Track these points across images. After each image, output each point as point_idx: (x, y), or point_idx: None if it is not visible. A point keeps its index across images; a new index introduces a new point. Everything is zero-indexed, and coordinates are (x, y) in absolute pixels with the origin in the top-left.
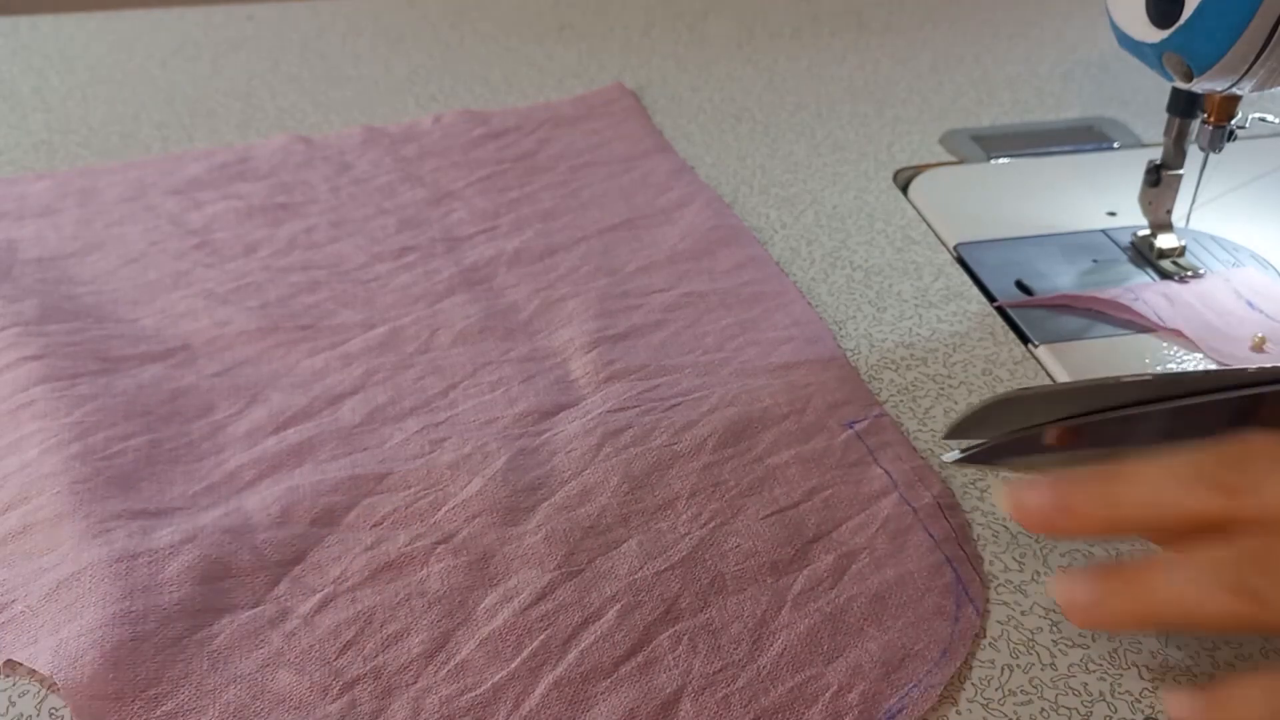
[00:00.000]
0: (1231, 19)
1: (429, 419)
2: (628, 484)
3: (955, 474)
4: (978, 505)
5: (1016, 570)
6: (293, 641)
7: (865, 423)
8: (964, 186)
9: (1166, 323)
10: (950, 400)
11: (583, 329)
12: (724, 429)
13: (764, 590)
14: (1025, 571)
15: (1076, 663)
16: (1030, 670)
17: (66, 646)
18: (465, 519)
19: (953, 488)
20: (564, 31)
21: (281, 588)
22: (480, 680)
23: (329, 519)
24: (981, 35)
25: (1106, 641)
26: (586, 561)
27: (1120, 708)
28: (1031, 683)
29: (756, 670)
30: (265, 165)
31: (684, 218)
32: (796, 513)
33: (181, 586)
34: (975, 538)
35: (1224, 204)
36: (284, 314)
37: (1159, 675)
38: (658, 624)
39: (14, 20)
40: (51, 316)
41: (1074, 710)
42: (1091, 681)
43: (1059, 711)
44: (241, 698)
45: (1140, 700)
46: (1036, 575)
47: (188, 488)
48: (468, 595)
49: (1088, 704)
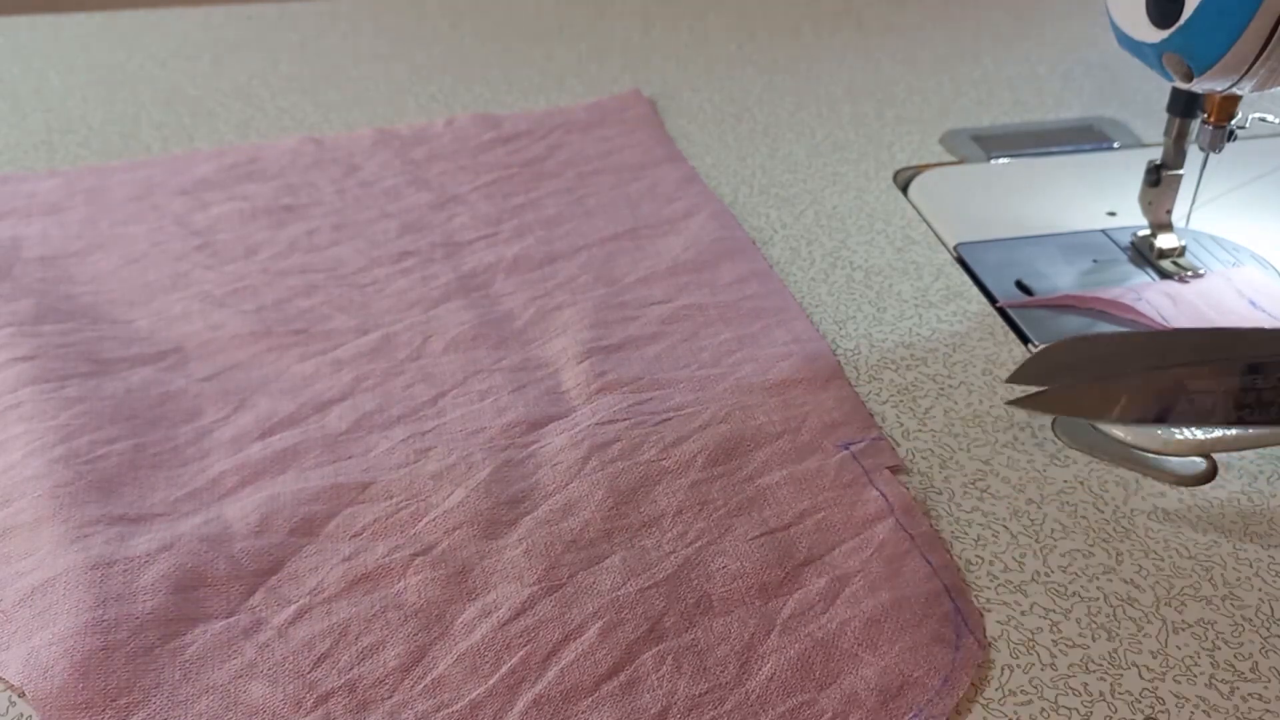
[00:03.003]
0: (1231, 19)
1: (416, 428)
2: (613, 499)
3: (952, 492)
4: (978, 505)
5: (1016, 570)
6: (266, 653)
7: (862, 444)
8: (964, 186)
9: (1170, 322)
10: (950, 400)
11: (576, 339)
12: (714, 446)
13: (752, 613)
14: (1025, 571)
15: (1076, 663)
16: (1030, 670)
17: (37, 656)
18: (445, 531)
19: (949, 506)
20: (564, 31)
21: (256, 598)
22: (457, 696)
23: (308, 529)
24: (981, 35)
25: (1106, 641)
26: (568, 576)
27: (1120, 708)
28: (1031, 683)
29: (745, 694)
30: (274, 166)
31: (688, 228)
32: (787, 535)
33: (156, 595)
34: (976, 538)
35: (1224, 204)
36: (278, 318)
37: (1159, 675)
38: (641, 643)
39: (14, 20)
40: (47, 316)
41: (1074, 710)
42: (1091, 681)
43: (1059, 711)
44: (214, 708)
45: (1140, 700)
46: (1037, 575)
47: (169, 493)
48: (445, 609)
49: (1088, 704)
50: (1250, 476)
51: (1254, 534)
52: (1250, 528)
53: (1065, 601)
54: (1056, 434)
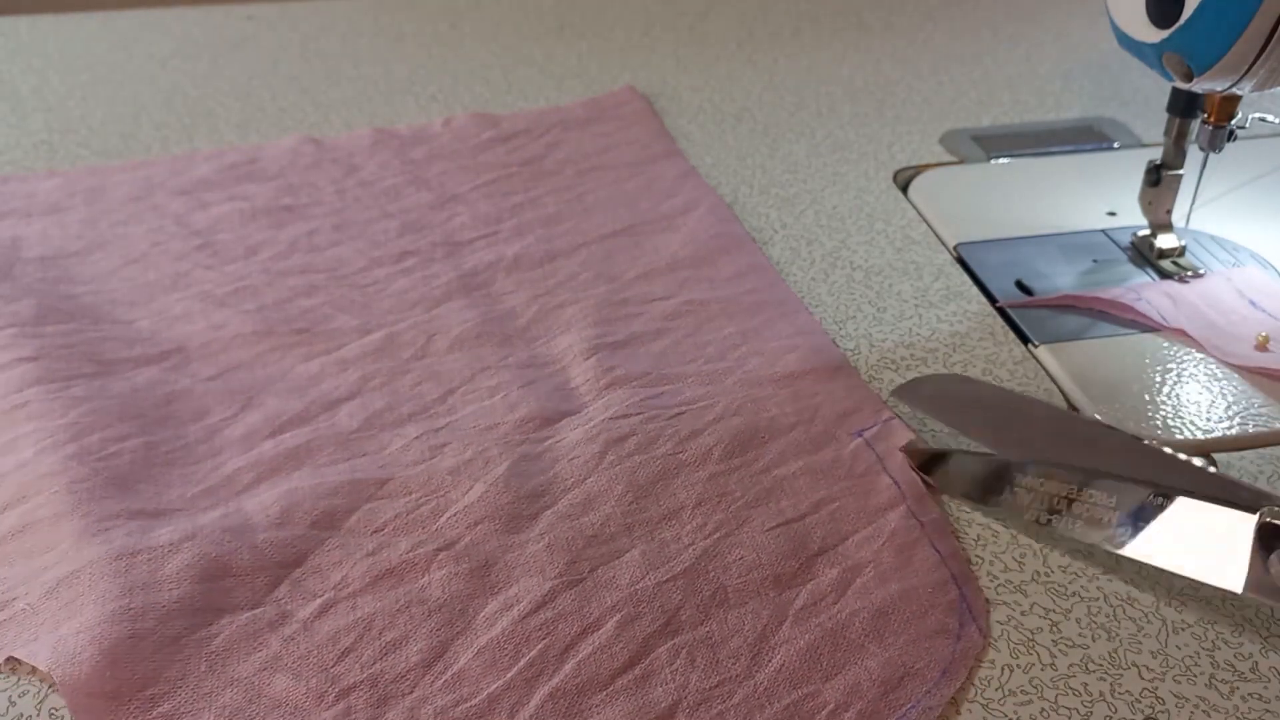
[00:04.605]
0: (1231, 19)
1: (428, 425)
2: (632, 493)
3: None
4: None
5: (1016, 570)
6: (291, 646)
7: (875, 429)
8: (964, 186)
9: (1170, 322)
10: None
11: (581, 336)
12: (730, 438)
13: (766, 604)
14: (1025, 571)
15: (1076, 663)
16: (1030, 670)
17: (65, 644)
18: (467, 526)
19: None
20: (564, 31)
21: (281, 590)
22: (476, 690)
23: (330, 522)
24: (981, 35)
25: (1106, 641)
26: (588, 570)
27: (1120, 708)
28: (1031, 683)
29: (754, 686)
30: (274, 166)
31: (686, 224)
32: (802, 525)
33: (181, 584)
34: (976, 539)
35: (1224, 204)
36: (280, 318)
37: (1159, 675)
38: (657, 636)
39: (14, 20)
40: (48, 317)
41: (1074, 710)
42: (1091, 681)
43: (1059, 711)
44: (238, 701)
45: (1140, 700)
46: (1036, 575)
47: (185, 490)
48: (468, 603)
49: (1088, 704)
50: (1250, 476)
51: None
52: None
53: (1065, 601)
54: None
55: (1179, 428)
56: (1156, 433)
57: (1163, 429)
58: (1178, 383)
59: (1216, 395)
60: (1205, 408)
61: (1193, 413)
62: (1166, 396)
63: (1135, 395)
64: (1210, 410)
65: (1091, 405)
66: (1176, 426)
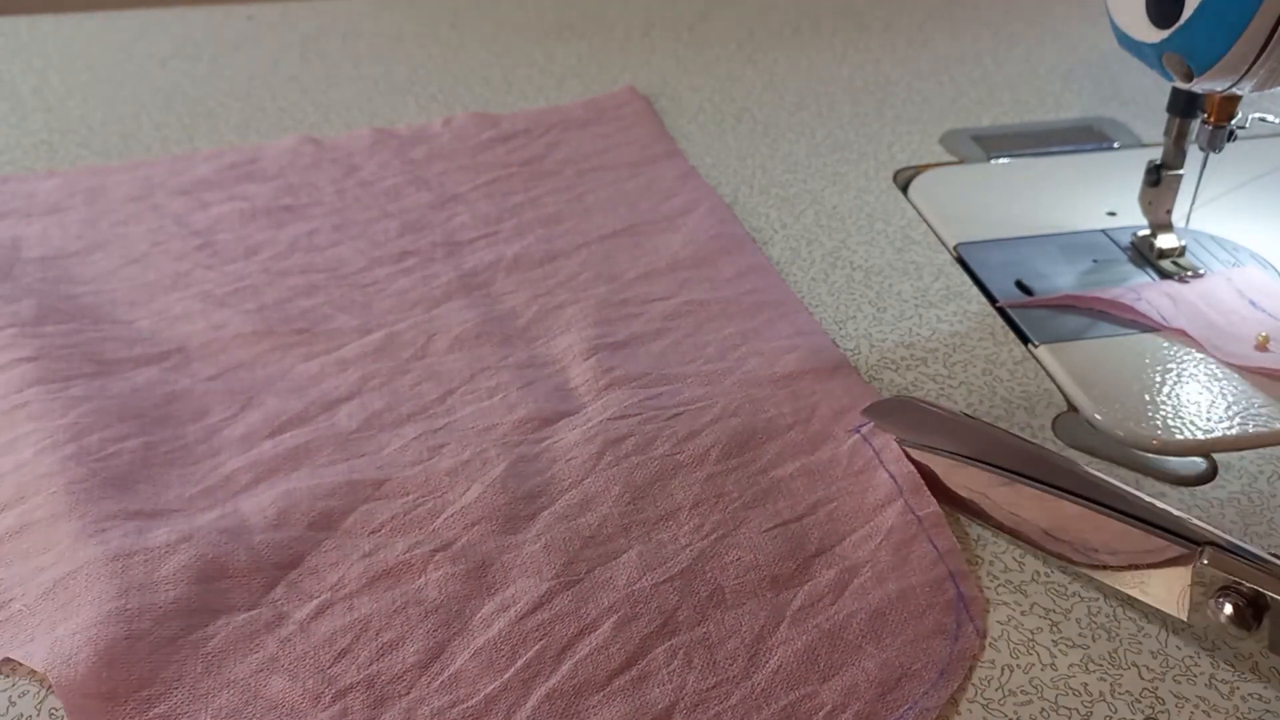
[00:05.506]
0: (1231, 19)
1: (426, 425)
2: (629, 494)
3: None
4: None
5: (1016, 570)
6: (288, 647)
7: (871, 423)
8: (964, 186)
9: (1170, 322)
10: (950, 400)
11: (581, 336)
12: (727, 439)
13: (763, 605)
14: (1025, 571)
15: (1076, 663)
16: (1030, 670)
17: (61, 644)
18: (464, 526)
19: None
20: (564, 31)
21: (278, 591)
22: (473, 691)
23: (326, 523)
24: (981, 35)
25: (1106, 641)
26: (585, 571)
27: (1120, 708)
28: (1031, 683)
29: (750, 687)
30: (274, 166)
31: (686, 224)
32: (800, 526)
33: (177, 585)
34: (976, 538)
35: (1224, 204)
36: (280, 318)
37: (1159, 675)
38: (654, 637)
39: (14, 20)
40: (48, 317)
41: (1074, 710)
42: (1091, 681)
43: (1059, 711)
44: (234, 702)
45: (1140, 700)
46: (1036, 575)
47: (183, 490)
48: (465, 604)
49: (1088, 704)
50: (1250, 476)
51: (1254, 534)
52: (1250, 528)
53: (1065, 601)
54: (1056, 434)
55: (1179, 428)
56: (1157, 433)
57: (1163, 429)
58: (1178, 383)
59: (1216, 395)
60: (1205, 408)
61: (1193, 413)
62: (1166, 396)
63: (1135, 395)
64: (1210, 410)
65: (1092, 405)
66: (1176, 426)
